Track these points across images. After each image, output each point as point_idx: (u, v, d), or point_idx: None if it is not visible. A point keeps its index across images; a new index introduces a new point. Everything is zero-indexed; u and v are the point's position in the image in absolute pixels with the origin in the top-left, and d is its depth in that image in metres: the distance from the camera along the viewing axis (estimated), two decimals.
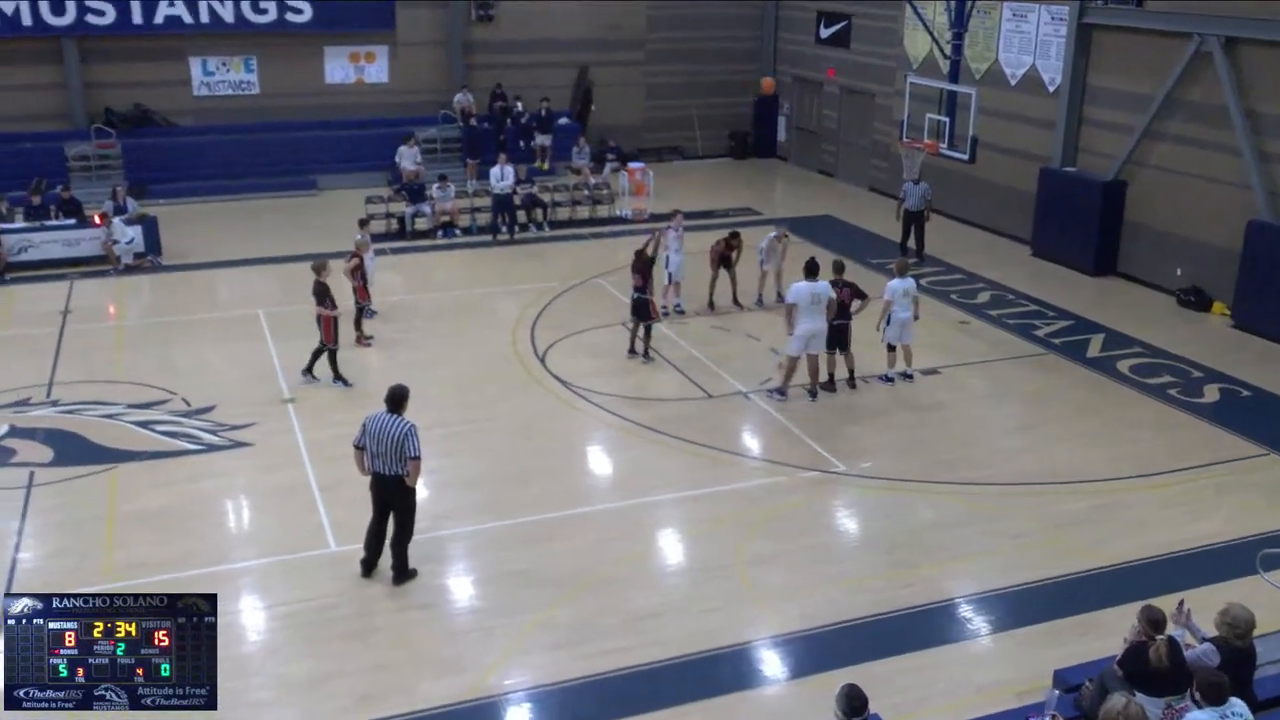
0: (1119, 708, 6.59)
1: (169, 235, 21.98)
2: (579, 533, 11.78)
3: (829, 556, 11.43)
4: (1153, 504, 12.53)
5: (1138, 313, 19.15)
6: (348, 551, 11.09)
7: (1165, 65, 19.63)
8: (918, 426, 14.57)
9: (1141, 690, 7.45)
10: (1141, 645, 7.59)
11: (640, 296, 16.18)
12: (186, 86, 27.93)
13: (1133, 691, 7.34)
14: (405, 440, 10.24)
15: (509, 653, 9.73)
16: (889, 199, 26.51)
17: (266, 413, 14.58)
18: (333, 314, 15.29)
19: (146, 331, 17.86)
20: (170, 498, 12.38)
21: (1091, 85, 21.44)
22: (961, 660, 9.77)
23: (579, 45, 30.31)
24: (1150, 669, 7.49)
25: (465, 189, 25.21)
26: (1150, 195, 20.41)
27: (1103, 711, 6.67)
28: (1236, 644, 7.63)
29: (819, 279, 14.94)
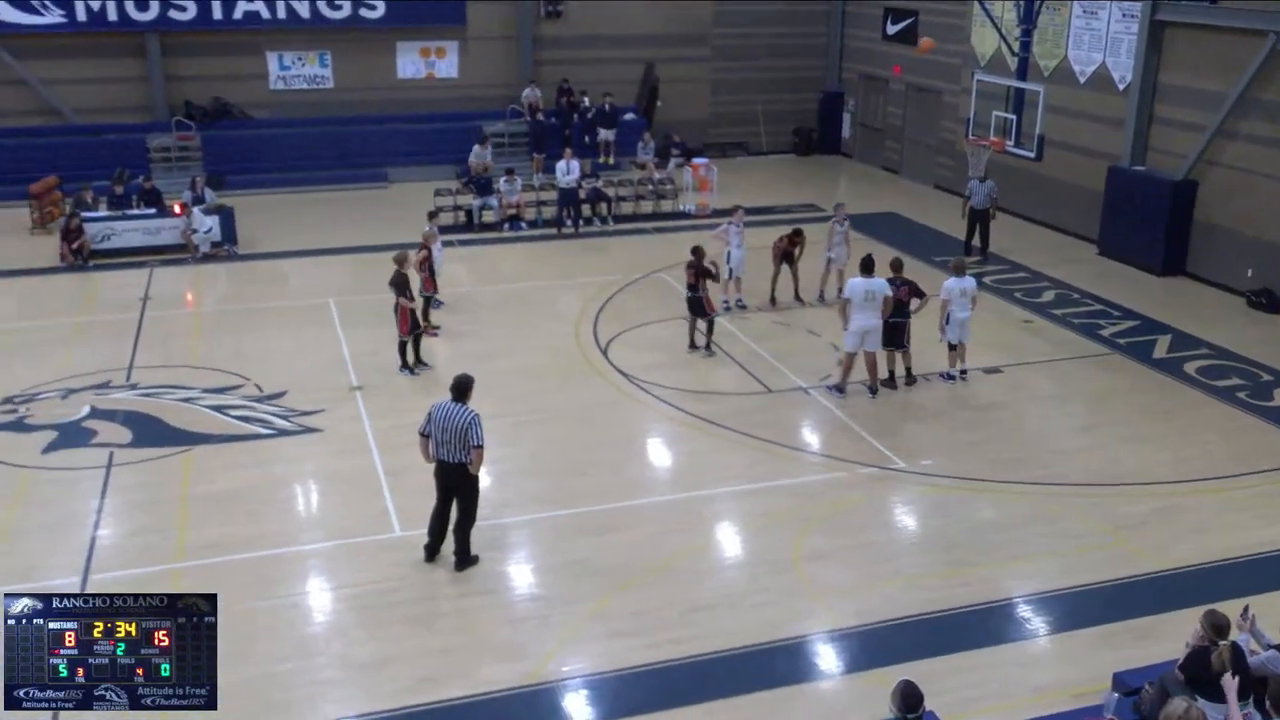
0: (1179, 712, 6.48)
1: (244, 225, 22.36)
2: (637, 524, 11.80)
3: (886, 553, 11.33)
4: (1217, 508, 12.25)
5: (1206, 314, 18.71)
6: (412, 536, 11.22)
7: (1239, 63, 19.14)
8: (979, 425, 14.38)
9: (1203, 695, 7.30)
10: (1204, 650, 7.44)
11: (694, 295, 16.15)
12: (263, 80, 28.39)
13: (1194, 696, 7.20)
14: (469, 429, 10.33)
15: (567, 640, 9.78)
16: (954, 196, 26.17)
17: (335, 400, 14.78)
18: (410, 305, 15.43)
19: (222, 318, 18.19)
20: (242, 480, 12.60)
21: (1162, 83, 20.97)
22: (1018, 660, 9.63)
23: (646, 41, 30.30)
24: (1213, 674, 7.34)
25: (532, 183, 25.33)
26: (1222, 195, 19.93)
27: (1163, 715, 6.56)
28: None
29: (875, 276, 14.80)
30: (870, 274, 14.79)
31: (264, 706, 8.87)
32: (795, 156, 32.15)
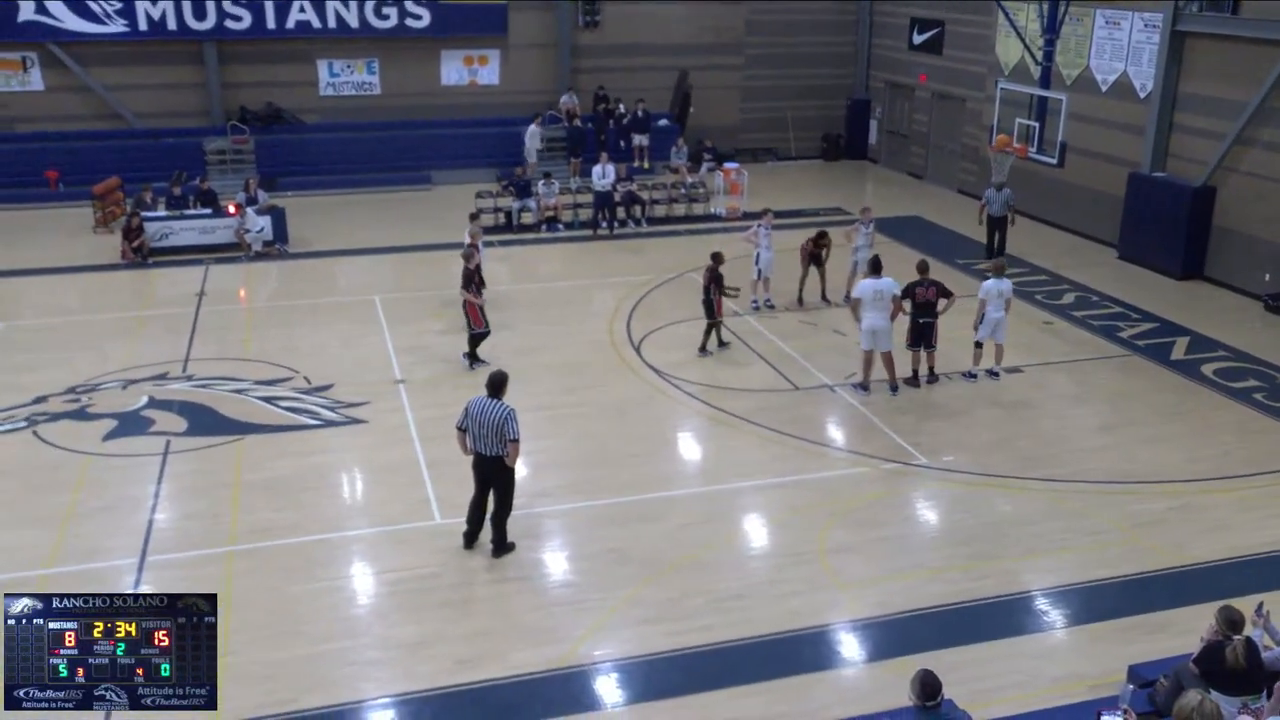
0: (1194, 704, 6.40)
1: (295, 225, 22.54)
2: (669, 515, 11.80)
3: (908, 547, 11.28)
4: (1233, 507, 12.09)
5: (1224, 317, 18.46)
6: (451, 525, 11.28)
7: (1259, 72, 18.85)
8: (1000, 423, 14.26)
9: (1217, 689, 7.23)
10: (1218, 644, 7.36)
11: (706, 298, 16.14)
12: (314, 87, 28.59)
13: (1208, 689, 7.12)
14: (505, 424, 10.37)
15: (599, 626, 9.80)
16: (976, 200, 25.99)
17: (380, 392, 14.87)
18: (478, 301, 15.44)
19: (273, 314, 18.35)
20: (290, 469, 12.71)
21: (1183, 92, 20.70)
22: (1035, 652, 9.56)
23: (680, 49, 30.25)
24: (1226, 668, 7.26)
25: (569, 186, 25.36)
26: (1240, 201, 19.64)
27: (1177, 707, 6.48)
28: None
29: (883, 276, 14.82)
30: (879, 275, 14.76)
31: (311, 684, 8.96)
32: (823, 162, 31.99)
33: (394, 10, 28.10)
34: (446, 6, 28.38)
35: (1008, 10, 23.11)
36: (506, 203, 24.07)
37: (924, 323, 14.98)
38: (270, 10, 27.30)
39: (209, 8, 26.85)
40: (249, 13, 27.18)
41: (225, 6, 26.96)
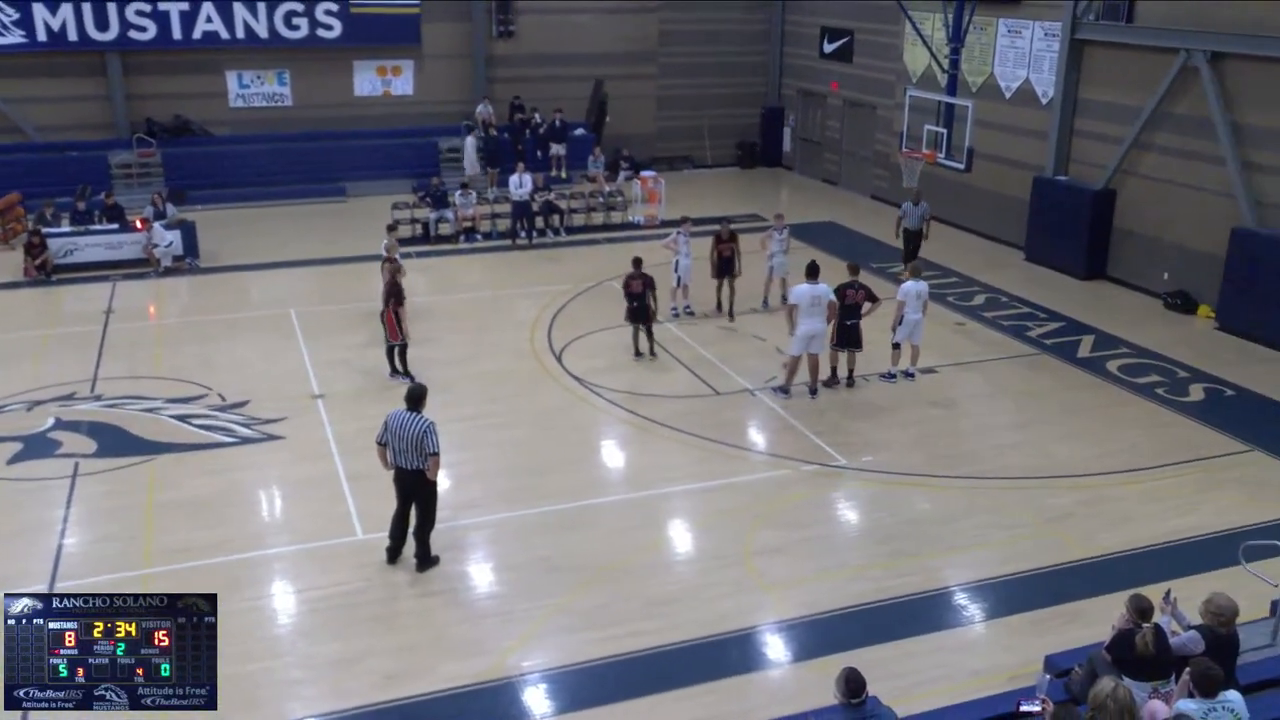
0: (1107, 691, 6.58)
1: (206, 239, 22.06)
2: (595, 522, 11.80)
3: (831, 547, 11.44)
4: (1140, 498, 12.49)
5: (1126, 315, 19.09)
6: (374, 539, 11.13)
7: (1154, 79, 19.56)
8: (917, 423, 14.54)
9: (1128, 675, 7.44)
10: (1129, 632, 7.58)
11: (641, 304, 16.22)
12: (223, 98, 28.04)
13: (1120, 676, 7.33)
14: (425, 437, 10.29)
15: (528, 636, 9.75)
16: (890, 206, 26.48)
17: (297, 407, 14.63)
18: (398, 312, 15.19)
19: (184, 330, 17.93)
20: (207, 488, 12.43)
21: (1083, 98, 21.37)
22: (957, 646, 9.76)
23: (595, 59, 30.32)
24: (1137, 655, 7.48)
25: (486, 196, 25.23)
26: (1139, 203, 20.34)
27: (1091, 694, 6.66)
28: (1220, 631, 7.61)
29: (820, 281, 14.91)
30: (815, 279, 14.87)
31: (234, 706, 8.72)
32: (739, 169, 32.34)
33: (304, 20, 27.71)
34: (358, 17, 28.08)
35: (914, 19, 23.63)
36: (423, 214, 23.87)
37: (850, 324, 15.23)
38: (176, 20, 26.71)
39: (111, 18, 26.16)
40: (154, 23, 26.55)
41: (129, 16, 26.30)
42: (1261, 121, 17.75)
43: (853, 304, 15.14)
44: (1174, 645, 7.63)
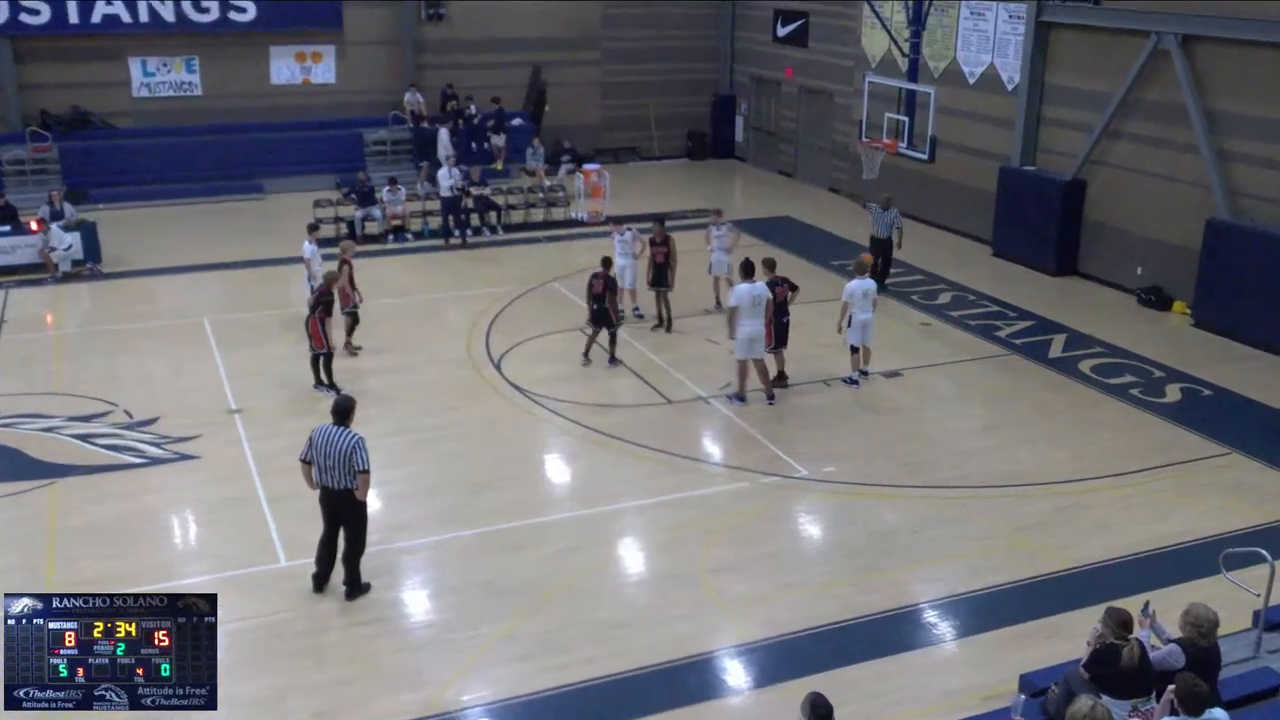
0: (1085, 710, 6.67)
1: (109, 241, 21.70)
2: (541, 542, 11.77)
3: (793, 562, 11.51)
4: (1116, 505, 12.72)
5: (1099, 312, 19.44)
6: (299, 566, 11.00)
7: (1123, 64, 19.96)
8: (881, 429, 14.70)
9: (1107, 693, 7.55)
10: (1110, 647, 7.68)
11: (601, 306, 16.21)
12: (126, 88, 27.63)
13: (1099, 694, 7.44)
14: (353, 453, 10.20)
15: (470, 666, 9.70)
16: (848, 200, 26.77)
17: (212, 424, 14.44)
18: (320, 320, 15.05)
19: (86, 341, 17.62)
20: (113, 513, 12.22)
21: (1050, 84, 21.76)
22: (928, 665, 9.87)
23: (533, 44, 30.30)
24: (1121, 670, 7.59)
25: (416, 192, 25.10)
26: (1110, 194, 20.74)
27: (1069, 714, 6.74)
28: (1201, 644, 7.74)
29: (756, 280, 14.98)
30: (752, 278, 14.94)
31: None
32: (689, 161, 32.49)
33: (215, 3, 27.39)
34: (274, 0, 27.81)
35: (873, 1, 23.91)
36: (348, 211, 23.69)
37: (785, 322, 15.42)
38: (72, 3, 26.25)
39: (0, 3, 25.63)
40: (48, 6, 26.08)
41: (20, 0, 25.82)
42: (1235, 108, 18.18)
43: (782, 301, 15.37)
44: (1153, 660, 7.76)
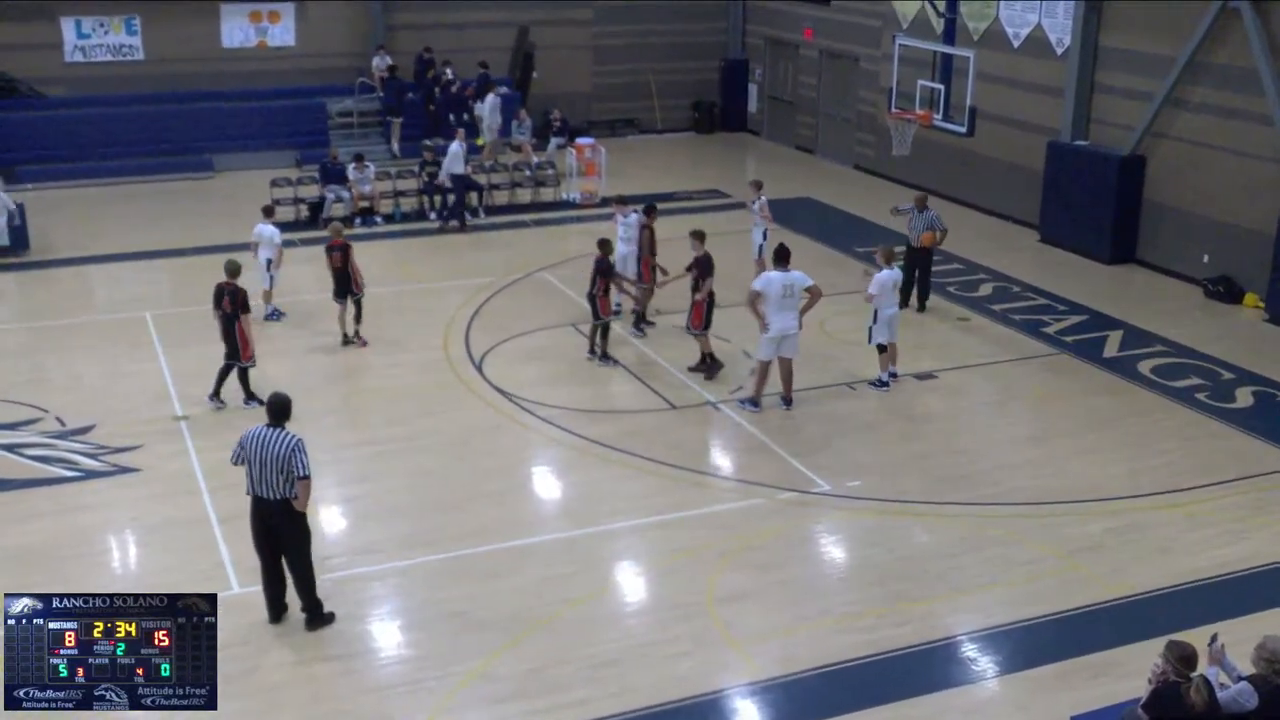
0: None
1: (39, 224, 21.75)
2: (524, 568, 11.76)
3: (813, 591, 11.49)
4: (1179, 525, 12.70)
5: (1160, 306, 19.43)
6: (252, 594, 10.98)
7: (1187, 24, 19.93)
8: (912, 439, 14.68)
9: None
10: (1172, 686, 7.67)
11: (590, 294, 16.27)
12: (57, 51, 27.67)
13: None
14: (291, 457, 10.17)
15: (442, 709, 9.68)
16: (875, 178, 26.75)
17: (156, 432, 14.44)
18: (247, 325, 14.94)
19: (11, 339, 17.64)
20: (41, 533, 12.22)
21: (1104, 47, 21.73)
22: (965, 707, 9.84)
23: (517, 3, 30.26)
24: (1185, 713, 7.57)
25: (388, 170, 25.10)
26: (1173, 172, 20.71)
27: None
28: (1276, 681, 7.74)
29: (792, 268, 14.94)
30: (786, 265, 14.90)
31: None
32: (695, 135, 32.50)
33: None
34: None
35: None
36: (310, 192, 23.69)
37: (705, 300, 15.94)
38: None
39: None
40: None
41: None
42: None
43: None
44: (1222, 700, 7.74)
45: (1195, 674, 7.70)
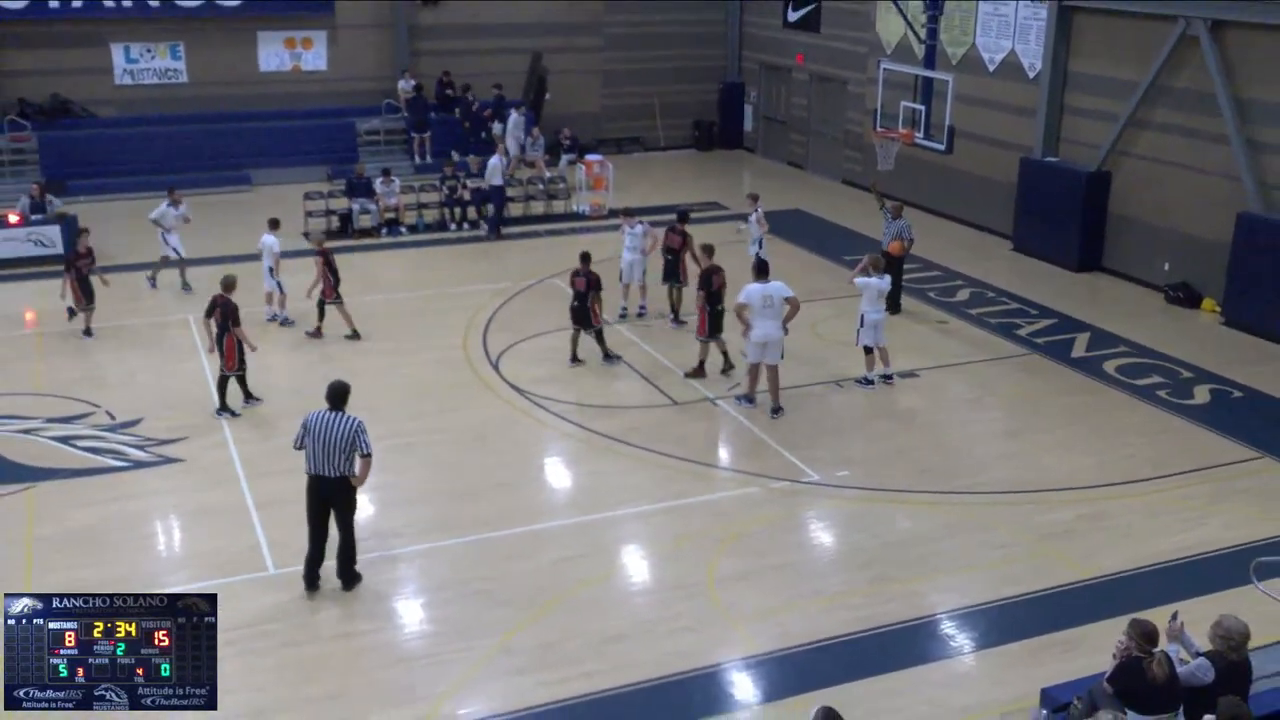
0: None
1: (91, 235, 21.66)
2: (539, 551, 11.77)
3: (805, 572, 11.50)
4: (1142, 512, 12.70)
5: (1124, 310, 19.42)
6: (287, 574, 11.02)
7: (1150, 50, 19.92)
8: (896, 433, 14.68)
9: (1132, 708, 7.54)
10: (1135, 661, 7.68)
11: (581, 304, 16.17)
12: (108, 75, 27.66)
13: (1124, 709, 7.43)
14: (356, 437, 10.39)
15: (465, 680, 9.70)
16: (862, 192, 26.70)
17: (198, 426, 14.46)
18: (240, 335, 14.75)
19: (67, 340, 17.63)
20: (93, 519, 12.23)
21: (1073, 71, 21.72)
22: (944, 680, 9.85)
23: (532, 29, 30.29)
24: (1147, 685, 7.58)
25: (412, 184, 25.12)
26: (1136, 186, 20.69)
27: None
28: (1231, 657, 7.74)
29: (771, 280, 14.88)
30: (766, 278, 14.86)
31: None
32: (695, 151, 32.49)
33: None
34: None
35: None
36: (341, 204, 23.71)
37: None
38: None
39: None
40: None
41: None
42: (1268, 96, 18.14)
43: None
44: (1181, 674, 7.74)
45: (1157, 650, 7.71)
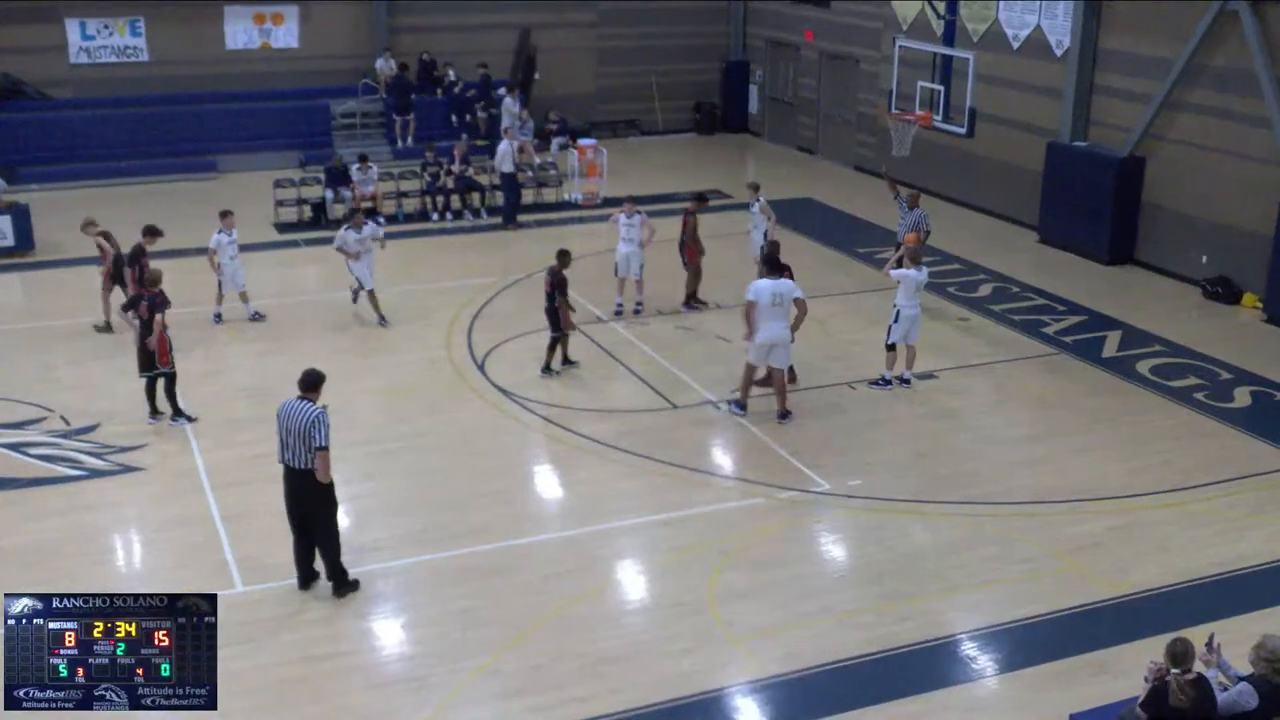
0: None
1: (43, 225, 21.74)
2: (528, 566, 11.77)
3: (814, 589, 11.50)
4: (1178, 524, 12.70)
5: (1159, 306, 19.44)
6: (256, 592, 11.03)
7: (1186, 26, 19.92)
8: (913, 438, 14.69)
9: None
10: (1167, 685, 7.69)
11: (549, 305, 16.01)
12: (62, 53, 27.67)
13: None
14: (312, 427, 10.40)
15: (447, 705, 9.70)
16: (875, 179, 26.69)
17: (160, 432, 14.46)
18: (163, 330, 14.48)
19: (17, 339, 17.65)
20: (48, 531, 12.23)
21: (1104, 49, 21.72)
22: (964, 705, 9.85)
23: (520, 5, 30.28)
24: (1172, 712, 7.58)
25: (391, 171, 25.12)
26: (1171, 173, 20.70)
27: None
28: (1276, 681, 7.75)
29: (782, 276, 14.81)
30: (777, 273, 14.82)
31: None
32: (696, 135, 32.51)
33: None
34: None
35: None
36: (313, 192, 23.70)
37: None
38: None
39: None
40: None
41: None
42: None
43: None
44: (1221, 702, 7.75)
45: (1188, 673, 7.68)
